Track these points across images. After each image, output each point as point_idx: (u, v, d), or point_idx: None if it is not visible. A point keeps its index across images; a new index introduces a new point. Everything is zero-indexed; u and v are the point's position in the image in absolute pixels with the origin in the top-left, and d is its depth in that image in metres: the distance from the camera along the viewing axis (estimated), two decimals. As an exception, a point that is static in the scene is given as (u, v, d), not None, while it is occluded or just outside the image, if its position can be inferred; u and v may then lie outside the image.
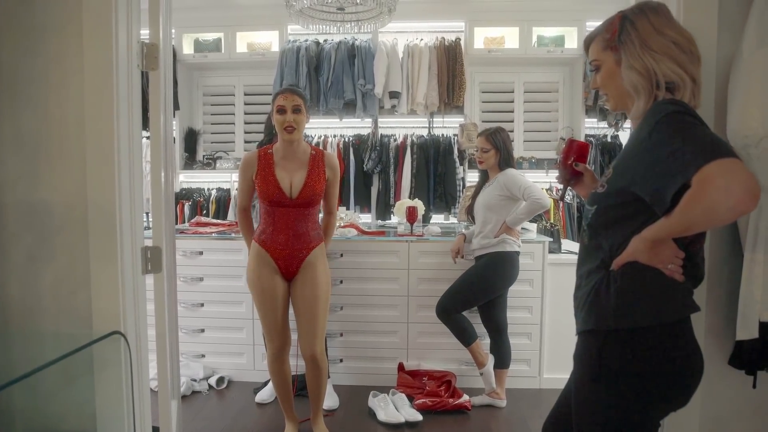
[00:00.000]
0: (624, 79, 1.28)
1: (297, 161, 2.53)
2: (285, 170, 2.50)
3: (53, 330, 1.74)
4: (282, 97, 2.47)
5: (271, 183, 2.48)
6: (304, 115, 2.49)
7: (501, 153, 3.06)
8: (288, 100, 2.45)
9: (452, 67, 4.52)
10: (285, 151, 2.52)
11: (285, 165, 2.51)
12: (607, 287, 1.27)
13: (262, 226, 2.58)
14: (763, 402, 1.66)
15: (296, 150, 2.53)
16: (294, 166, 2.52)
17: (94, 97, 1.65)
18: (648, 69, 1.24)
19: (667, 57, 1.23)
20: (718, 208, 1.04)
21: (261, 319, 2.59)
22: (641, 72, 1.24)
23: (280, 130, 2.46)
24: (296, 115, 2.45)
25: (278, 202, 2.48)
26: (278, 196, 2.47)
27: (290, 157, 2.52)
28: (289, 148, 2.51)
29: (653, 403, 1.25)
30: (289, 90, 2.50)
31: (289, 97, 2.46)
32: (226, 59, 4.81)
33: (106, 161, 1.67)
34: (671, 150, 1.11)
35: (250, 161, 2.54)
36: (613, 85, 1.33)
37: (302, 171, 2.52)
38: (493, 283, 3.04)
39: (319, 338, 2.56)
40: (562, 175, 1.55)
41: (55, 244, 1.72)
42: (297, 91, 2.51)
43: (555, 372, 3.36)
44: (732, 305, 1.58)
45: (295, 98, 2.46)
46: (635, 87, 1.26)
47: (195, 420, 2.97)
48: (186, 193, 4.99)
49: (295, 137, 2.48)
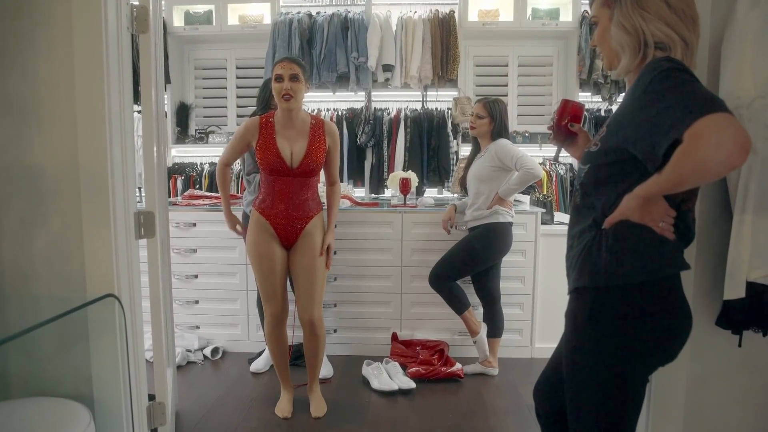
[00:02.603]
0: (612, 36, 1.29)
1: (297, 130, 2.53)
2: (286, 139, 2.51)
3: (47, 294, 1.74)
4: (280, 65, 2.47)
5: (272, 152, 2.48)
6: (302, 84, 2.48)
7: (495, 123, 3.06)
8: (285, 68, 2.45)
9: (446, 40, 4.48)
10: (285, 120, 2.52)
11: (285, 134, 2.51)
12: (599, 246, 1.28)
13: (262, 194, 2.59)
14: (747, 360, 1.70)
15: (296, 119, 2.53)
16: (294, 135, 2.52)
17: (83, 59, 1.63)
18: (636, 28, 1.24)
19: (657, 17, 1.23)
20: (709, 162, 1.04)
21: (259, 285, 2.62)
22: (629, 30, 1.25)
23: (278, 98, 2.46)
24: (294, 83, 2.44)
25: (279, 171, 2.50)
26: (279, 165, 2.48)
27: (290, 126, 2.53)
28: (289, 117, 2.51)
29: (643, 358, 1.28)
30: (288, 58, 2.50)
31: (287, 65, 2.45)
32: (217, 32, 4.74)
33: (97, 124, 1.65)
34: (664, 106, 1.11)
35: (252, 127, 2.54)
36: (605, 42, 1.34)
37: (303, 140, 2.52)
38: (486, 254, 3.06)
39: (317, 304, 2.61)
40: (555, 136, 1.55)
41: (47, 208, 1.71)
42: (295, 60, 2.50)
43: (546, 342, 3.41)
44: (720, 266, 1.61)
45: (293, 66, 2.46)
46: (621, 45, 1.27)
47: (190, 389, 3.00)
48: (178, 167, 4.96)
49: (292, 105, 2.47)
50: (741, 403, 1.72)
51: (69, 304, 1.62)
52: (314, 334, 2.65)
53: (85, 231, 1.70)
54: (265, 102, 3.07)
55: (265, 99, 3.07)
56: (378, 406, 2.82)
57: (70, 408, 1.64)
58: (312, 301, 2.60)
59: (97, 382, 1.76)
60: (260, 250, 2.55)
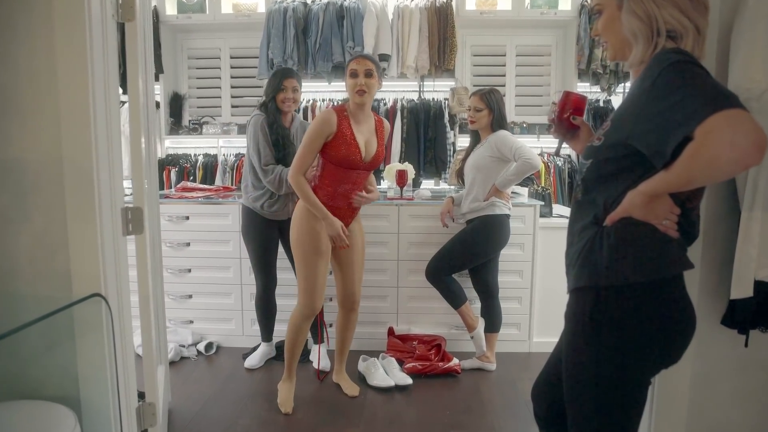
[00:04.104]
0: (624, 24, 1.23)
1: (368, 125, 2.61)
2: (361, 134, 2.56)
3: (31, 293, 1.68)
4: (355, 61, 2.52)
5: (351, 145, 2.50)
6: (376, 80, 2.52)
7: (494, 114, 3.00)
8: (360, 64, 2.49)
9: (443, 29, 4.40)
10: (358, 115, 2.56)
11: (360, 128, 2.56)
12: (600, 243, 1.23)
13: (322, 188, 2.56)
14: (753, 360, 1.66)
15: (367, 114, 2.60)
16: (366, 129, 2.59)
17: (66, 48, 1.55)
18: (649, 14, 1.18)
19: (670, 3, 1.17)
20: (722, 161, 0.99)
21: (304, 277, 2.59)
22: (642, 17, 1.19)
23: (352, 93, 2.51)
24: (368, 79, 2.49)
25: (352, 164, 2.53)
26: (355, 159, 2.52)
27: (363, 121, 2.58)
28: (361, 112, 2.57)
29: (645, 360, 1.23)
30: (362, 55, 2.56)
31: (362, 62, 2.50)
32: (210, 20, 4.65)
33: (81, 116, 1.58)
34: (674, 100, 1.06)
35: (329, 120, 2.49)
36: (612, 32, 1.27)
37: (373, 135, 2.61)
38: (483, 247, 3.01)
39: (359, 286, 2.83)
40: (557, 129, 1.49)
41: (30, 204, 1.65)
42: (370, 57, 2.57)
43: (544, 336, 3.38)
44: (726, 264, 1.56)
45: (368, 63, 2.50)
46: (634, 33, 1.21)
47: (184, 385, 2.95)
48: (172, 159, 4.88)
49: (366, 100, 2.52)
50: (745, 403, 1.69)
51: (54, 303, 1.57)
52: (356, 314, 2.85)
53: (70, 227, 1.64)
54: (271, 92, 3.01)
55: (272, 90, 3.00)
56: (374, 403, 2.78)
57: (54, 412, 1.59)
58: (360, 283, 2.80)
59: (83, 384, 1.70)
60: (321, 246, 2.58)
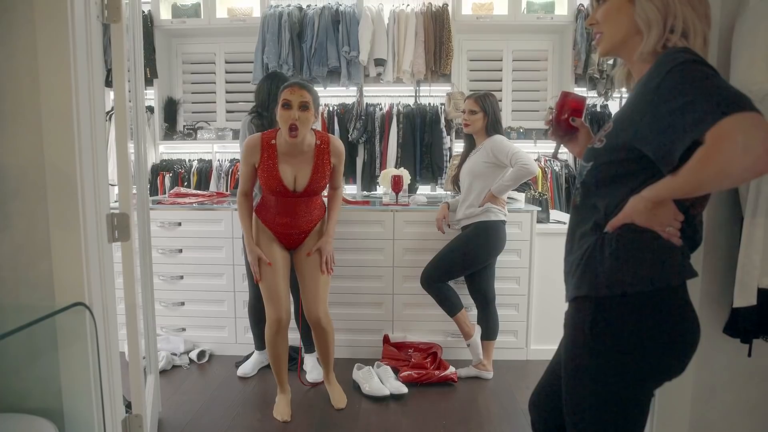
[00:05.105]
0: (637, 11, 1.15)
1: (302, 156, 2.41)
2: (289, 165, 2.39)
3: (13, 303, 1.63)
4: (289, 90, 2.29)
5: (274, 177, 2.37)
6: (311, 113, 2.31)
7: (489, 117, 2.96)
8: (295, 94, 2.28)
9: (439, 34, 4.39)
10: (289, 146, 2.36)
11: (289, 160, 2.39)
12: (601, 251, 1.18)
13: (263, 202, 2.50)
14: (757, 370, 1.62)
15: (301, 144, 2.38)
16: (299, 160, 2.41)
17: (47, 50, 1.51)
18: (667, 5, 1.12)
19: (688, 2, 1.12)
20: (734, 167, 0.94)
21: (262, 288, 2.54)
22: (658, 6, 1.12)
23: (284, 127, 2.29)
24: (303, 113, 2.28)
25: (281, 194, 2.42)
26: (281, 190, 2.40)
27: (295, 152, 2.39)
28: (293, 144, 2.36)
29: (648, 373, 1.18)
30: (298, 84, 2.31)
31: (297, 92, 2.28)
32: (205, 25, 4.63)
33: (64, 120, 1.53)
34: (683, 102, 1.00)
35: (253, 147, 2.40)
36: (614, 22, 1.20)
37: (307, 166, 2.41)
38: (479, 253, 2.97)
39: (322, 302, 2.59)
40: (555, 131, 1.44)
41: (11, 210, 1.60)
42: (306, 86, 2.32)
43: (542, 343, 3.33)
44: (728, 272, 1.52)
45: (304, 94, 2.28)
46: (648, 21, 1.13)
47: (176, 394, 2.89)
48: (166, 164, 4.85)
49: (297, 141, 2.32)
50: (749, 414, 1.64)
51: (36, 313, 1.52)
52: (323, 331, 2.63)
53: (52, 234, 1.59)
54: (265, 105, 2.92)
55: (264, 98, 2.92)
56: (369, 412, 2.73)
57: (36, 425, 1.53)
58: (317, 300, 2.55)
59: (67, 396, 1.65)
60: (274, 258, 2.49)
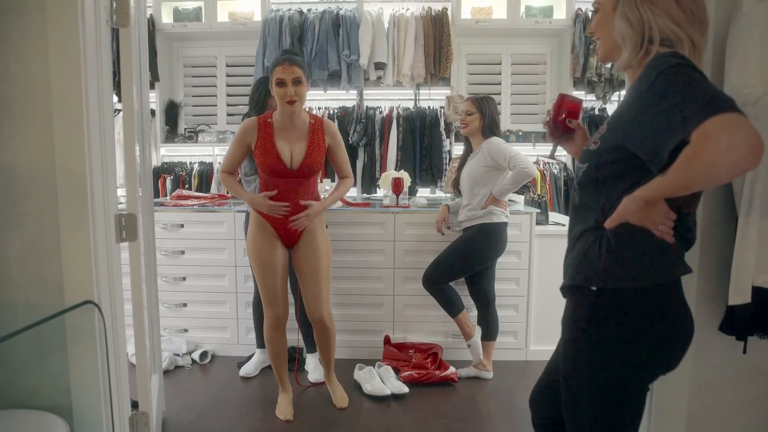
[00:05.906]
0: (614, 28, 1.22)
1: (297, 131, 2.49)
2: (285, 141, 2.47)
3: (23, 301, 1.66)
4: (281, 68, 2.37)
5: (271, 154, 2.44)
6: (305, 86, 2.42)
7: (485, 119, 2.98)
8: (287, 72, 2.36)
9: (439, 37, 4.43)
10: (285, 122, 2.47)
11: (285, 135, 2.47)
12: (598, 248, 1.22)
13: (261, 191, 2.53)
14: (752, 367, 1.65)
15: (296, 120, 2.48)
16: (294, 136, 2.48)
17: (59, 54, 1.54)
18: (642, 22, 1.18)
19: (665, 13, 1.17)
20: (719, 165, 0.98)
21: (260, 286, 2.59)
22: (633, 24, 1.19)
23: (281, 103, 2.39)
24: (297, 87, 2.38)
25: (279, 172, 2.46)
26: (279, 167, 2.45)
27: (290, 128, 2.48)
28: (290, 119, 2.47)
29: (643, 367, 1.22)
30: (288, 60, 2.38)
31: (288, 69, 2.36)
32: (206, 29, 4.66)
33: (74, 122, 1.57)
34: (671, 104, 1.05)
35: (250, 129, 2.48)
36: (604, 31, 1.27)
37: (302, 142, 2.49)
38: (480, 255, 3.00)
39: (325, 301, 2.63)
40: (552, 132, 1.48)
41: (22, 210, 1.63)
42: (296, 61, 2.40)
43: (541, 344, 3.36)
44: (723, 270, 1.56)
45: (295, 69, 2.37)
46: (623, 37, 1.21)
47: (178, 395, 2.92)
48: (167, 167, 4.88)
49: (296, 109, 2.43)
50: (744, 411, 1.67)
51: (46, 311, 1.55)
52: (326, 330, 2.68)
53: (62, 234, 1.62)
54: (260, 104, 2.99)
55: (261, 101, 2.99)
56: (370, 412, 2.76)
57: (46, 420, 1.56)
58: (320, 300, 2.60)
59: (75, 393, 1.68)
60: (261, 251, 2.53)
